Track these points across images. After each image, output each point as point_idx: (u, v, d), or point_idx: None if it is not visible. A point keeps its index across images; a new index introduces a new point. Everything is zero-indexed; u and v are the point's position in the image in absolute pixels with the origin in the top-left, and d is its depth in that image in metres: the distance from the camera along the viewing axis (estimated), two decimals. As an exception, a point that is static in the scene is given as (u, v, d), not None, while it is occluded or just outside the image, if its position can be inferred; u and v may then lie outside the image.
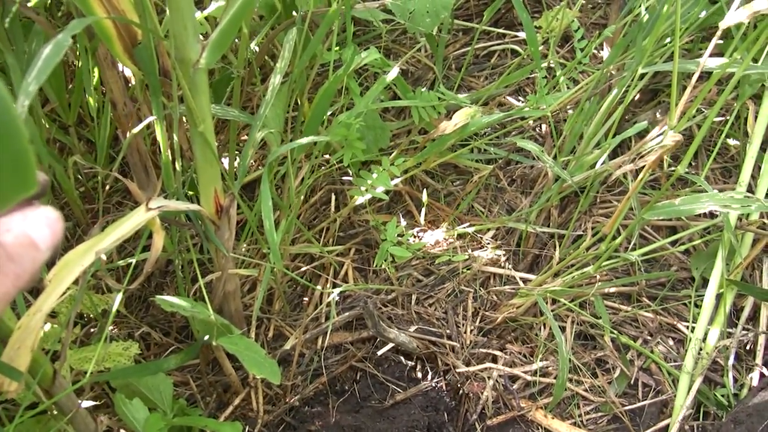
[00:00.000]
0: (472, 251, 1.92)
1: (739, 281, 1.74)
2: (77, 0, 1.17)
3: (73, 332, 1.65)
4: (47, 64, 0.97)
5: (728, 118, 1.77)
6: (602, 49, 2.20)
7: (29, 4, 1.39)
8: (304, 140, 1.47)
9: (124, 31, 1.23)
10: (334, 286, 1.87)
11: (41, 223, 0.52)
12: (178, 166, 1.43)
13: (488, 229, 1.96)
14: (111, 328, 1.79)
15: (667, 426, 1.67)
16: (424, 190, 1.99)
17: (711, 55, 1.29)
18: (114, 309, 1.46)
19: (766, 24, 1.35)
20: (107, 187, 2.06)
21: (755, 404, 1.52)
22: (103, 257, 1.18)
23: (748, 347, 1.76)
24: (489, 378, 1.72)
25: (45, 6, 1.75)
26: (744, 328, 1.77)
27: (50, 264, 0.92)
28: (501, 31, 2.38)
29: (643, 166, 1.35)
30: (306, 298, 1.88)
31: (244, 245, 1.80)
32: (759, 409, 1.49)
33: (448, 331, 1.79)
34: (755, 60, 1.60)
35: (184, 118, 1.38)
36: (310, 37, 1.62)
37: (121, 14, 1.20)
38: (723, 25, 1.26)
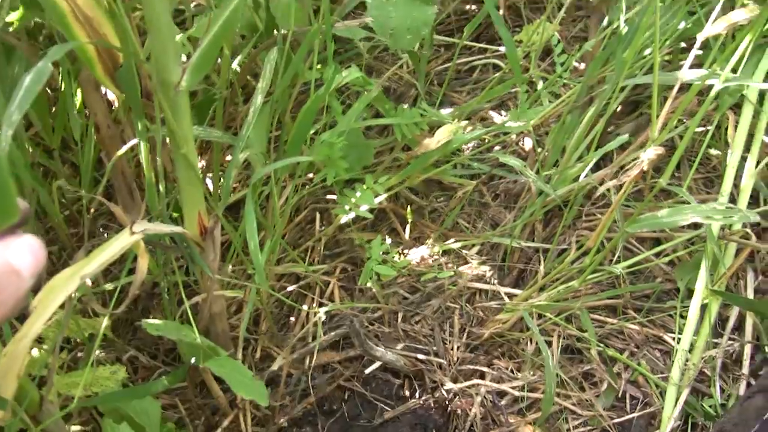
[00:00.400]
0: (457, 267, 1.92)
1: (723, 291, 1.75)
2: (59, 24, 1.17)
3: (59, 357, 1.64)
4: (29, 93, 0.97)
5: (709, 128, 1.78)
6: (583, 62, 2.22)
7: (10, 29, 1.39)
8: (287, 161, 1.47)
9: (105, 54, 1.23)
10: (321, 305, 1.86)
11: (24, 251, 0.52)
12: (162, 188, 1.43)
13: (473, 245, 1.97)
14: (98, 352, 1.79)
15: (656, 438, 1.67)
16: (409, 206, 2.00)
17: (691, 66, 1.30)
18: (101, 333, 1.45)
19: (744, 34, 1.37)
20: (92, 211, 2.06)
21: (740, 413, 1.52)
22: (89, 281, 1.18)
23: (734, 357, 1.77)
24: (477, 394, 1.72)
25: (27, 30, 1.74)
26: (730, 338, 1.78)
27: (35, 291, 0.92)
28: (482, 45, 2.39)
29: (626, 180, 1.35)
30: (293, 318, 1.88)
31: (230, 266, 1.80)
32: (744, 417, 1.49)
33: (435, 348, 1.79)
34: (734, 70, 1.61)
35: (167, 140, 1.38)
36: (291, 56, 1.63)
37: (102, 37, 1.20)
38: (701, 37, 1.27)
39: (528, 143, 2.11)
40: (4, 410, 1.13)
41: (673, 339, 1.79)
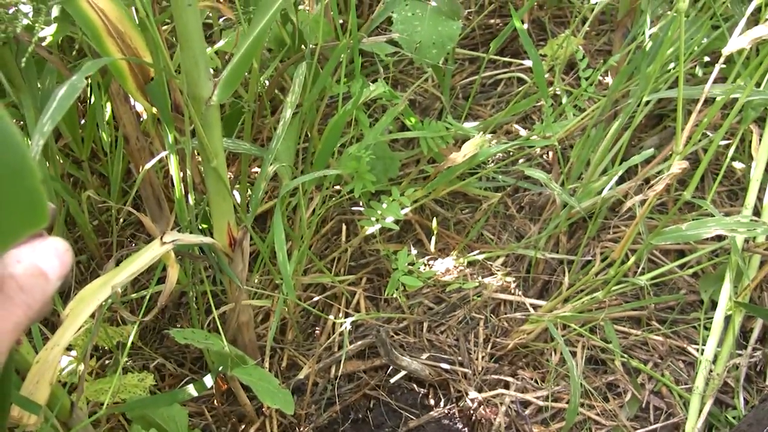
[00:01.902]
0: (482, 278, 1.94)
1: (747, 303, 1.75)
2: (92, 39, 1.20)
3: (88, 364, 1.67)
4: (62, 105, 0.99)
5: (732, 141, 1.78)
6: (608, 76, 2.23)
7: (44, 43, 1.42)
8: (315, 174, 1.49)
9: (137, 68, 1.25)
10: (347, 315, 1.88)
11: (50, 254, 0.53)
12: (191, 200, 1.46)
13: (498, 256, 1.98)
14: (126, 359, 1.81)
15: (680, 449, 1.68)
16: (434, 218, 2.01)
17: (715, 80, 1.31)
18: (129, 341, 1.48)
19: (768, 49, 1.38)
20: (120, 221, 2.09)
21: (756, 414, 1.53)
22: (118, 290, 1.21)
23: (758, 368, 1.77)
24: (501, 404, 1.73)
25: (58, 43, 1.77)
26: (753, 349, 1.78)
27: (61, 294, 0.94)
28: (507, 59, 2.41)
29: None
30: (319, 328, 1.90)
31: (257, 276, 1.82)
32: (759, 418, 1.50)
33: (459, 358, 1.81)
34: (758, 84, 1.62)
35: (196, 152, 1.40)
36: (319, 70, 1.64)
37: (133, 51, 1.22)
38: (726, 51, 1.28)
39: (553, 156, 2.12)
40: (37, 415, 1.15)
41: (697, 350, 1.80)
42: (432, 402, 1.77)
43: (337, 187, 1.96)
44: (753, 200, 1.81)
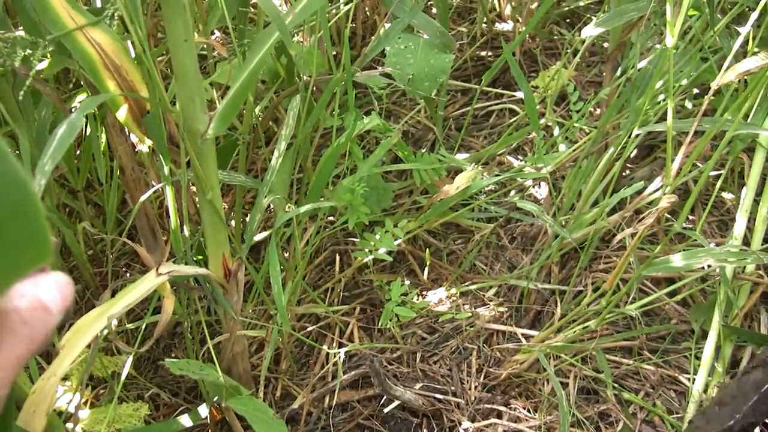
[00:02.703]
0: (475, 309, 1.95)
1: (737, 328, 1.76)
2: (89, 73, 1.21)
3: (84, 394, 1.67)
4: (62, 144, 1.01)
5: (722, 172, 1.80)
6: (600, 107, 2.25)
7: (41, 76, 1.43)
8: (310, 206, 1.50)
9: (132, 101, 1.27)
10: (340, 345, 1.89)
11: (52, 288, 0.54)
12: (186, 231, 1.47)
13: (490, 287, 2.00)
14: (121, 389, 1.82)
15: (671, 479, 1.69)
16: (427, 249, 2.02)
17: (705, 111, 1.33)
18: (125, 371, 1.49)
19: (756, 81, 1.40)
20: (115, 251, 2.10)
21: (738, 387, 1.53)
22: (114, 321, 1.22)
23: (748, 398, 1.78)
24: (494, 434, 1.74)
25: (54, 76, 1.79)
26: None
27: (60, 328, 0.95)
28: (499, 91, 2.43)
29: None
30: (312, 358, 1.91)
31: (251, 306, 1.83)
32: (743, 391, 1.50)
33: (452, 388, 1.82)
34: (746, 116, 1.64)
35: (191, 184, 1.41)
36: (313, 103, 1.66)
37: (130, 85, 1.24)
38: (714, 85, 1.30)
39: (544, 187, 2.14)
40: (33, 446, 1.16)
41: (689, 379, 1.81)
42: (425, 431, 1.78)
43: (331, 218, 1.97)
44: (742, 230, 1.82)
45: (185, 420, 1.45)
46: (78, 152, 1.98)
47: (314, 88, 1.63)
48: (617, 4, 1.89)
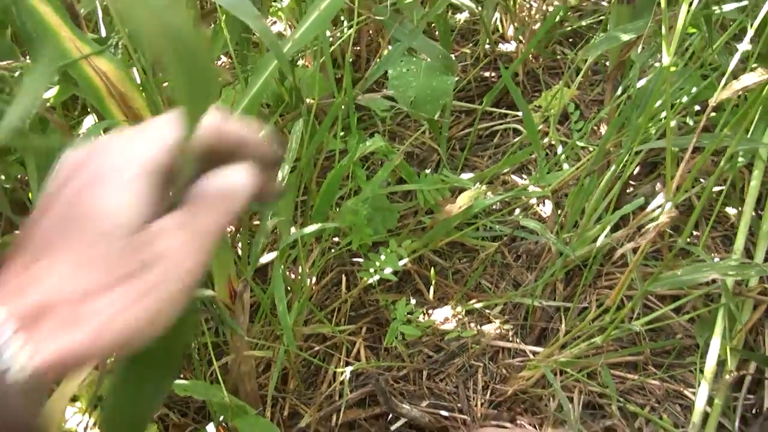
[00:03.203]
0: (480, 326, 1.96)
1: (740, 349, 1.77)
2: (94, 100, 1.24)
3: (92, 414, 1.69)
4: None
5: (724, 187, 1.81)
6: (602, 125, 2.27)
7: (48, 104, 1.46)
8: (314, 228, 1.52)
9: (138, 128, 1.29)
10: (347, 364, 1.90)
11: (241, 173, 0.63)
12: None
13: (496, 305, 2.01)
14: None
15: (678, 493, 1.69)
16: (432, 268, 2.04)
17: (705, 127, 1.35)
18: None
19: (755, 97, 1.41)
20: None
21: (761, 429, 1.53)
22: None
23: (753, 410, 1.79)
24: (500, 450, 1.75)
25: (62, 102, 1.81)
26: (748, 391, 1.80)
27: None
28: (502, 111, 2.45)
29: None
30: (320, 377, 1.92)
31: (258, 327, 1.85)
32: None
33: (459, 405, 1.83)
34: (747, 130, 1.66)
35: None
36: (316, 126, 1.68)
37: (135, 112, 1.26)
38: (713, 102, 1.32)
39: (548, 205, 2.16)
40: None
41: (694, 394, 1.81)
42: (432, 449, 1.80)
43: (336, 239, 1.99)
44: (742, 244, 1.83)
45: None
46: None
47: (318, 110, 1.65)
48: (616, 24, 1.91)
